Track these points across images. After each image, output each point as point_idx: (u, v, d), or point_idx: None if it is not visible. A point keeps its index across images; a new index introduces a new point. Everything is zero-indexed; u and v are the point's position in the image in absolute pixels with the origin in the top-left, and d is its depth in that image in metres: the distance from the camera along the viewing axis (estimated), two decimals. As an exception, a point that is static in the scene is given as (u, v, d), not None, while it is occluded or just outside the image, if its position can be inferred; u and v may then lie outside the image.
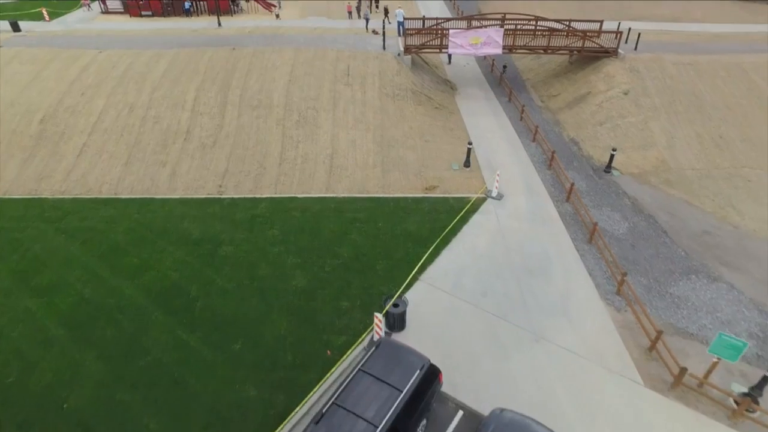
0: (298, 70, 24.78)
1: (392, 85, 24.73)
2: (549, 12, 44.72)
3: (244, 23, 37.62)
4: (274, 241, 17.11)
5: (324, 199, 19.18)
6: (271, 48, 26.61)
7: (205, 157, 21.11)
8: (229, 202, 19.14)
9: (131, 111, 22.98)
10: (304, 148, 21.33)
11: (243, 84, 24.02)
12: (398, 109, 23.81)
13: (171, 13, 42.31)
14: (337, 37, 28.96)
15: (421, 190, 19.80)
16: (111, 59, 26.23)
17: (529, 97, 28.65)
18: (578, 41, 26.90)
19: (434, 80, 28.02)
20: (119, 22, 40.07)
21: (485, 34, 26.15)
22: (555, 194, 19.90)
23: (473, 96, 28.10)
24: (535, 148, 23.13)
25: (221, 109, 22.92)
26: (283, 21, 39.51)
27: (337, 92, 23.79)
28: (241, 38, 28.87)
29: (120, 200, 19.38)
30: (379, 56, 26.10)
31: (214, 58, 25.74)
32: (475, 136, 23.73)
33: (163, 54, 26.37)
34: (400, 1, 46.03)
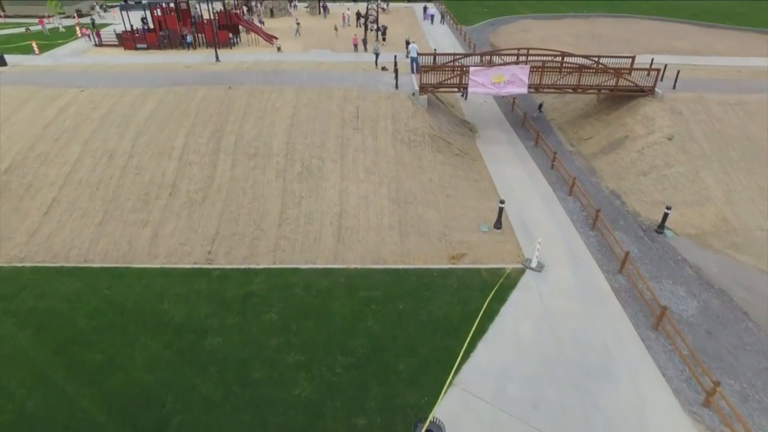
0: (301, 113, 22.00)
1: (407, 129, 21.93)
2: (564, 46, 42.56)
3: (244, 57, 35.23)
4: (272, 330, 13.94)
5: (332, 271, 16.08)
6: (270, 87, 23.91)
7: (193, 215, 18.09)
8: (219, 274, 16.03)
9: (110, 160, 20.07)
10: (307, 206, 18.34)
11: (239, 128, 21.19)
12: (415, 158, 20.93)
13: (167, 46, 40.05)
14: (344, 74, 26.33)
15: (447, 258, 16.73)
16: (93, 99, 23.48)
17: (557, 140, 25.89)
18: (611, 79, 24.25)
19: (452, 122, 25.27)
20: (112, 56, 37.79)
21: (509, 71, 23.53)
22: (604, 263, 16.85)
23: (495, 139, 25.31)
24: (572, 203, 20.18)
25: (213, 157, 20.02)
26: (284, 54, 37.19)
27: (345, 138, 20.96)
28: (238, 75, 26.23)
29: (90, 270, 16.26)
30: (392, 96, 23.38)
31: (207, 98, 23.00)
32: (503, 188, 20.81)
33: (151, 93, 23.64)
34: (401, 30, 44.05)
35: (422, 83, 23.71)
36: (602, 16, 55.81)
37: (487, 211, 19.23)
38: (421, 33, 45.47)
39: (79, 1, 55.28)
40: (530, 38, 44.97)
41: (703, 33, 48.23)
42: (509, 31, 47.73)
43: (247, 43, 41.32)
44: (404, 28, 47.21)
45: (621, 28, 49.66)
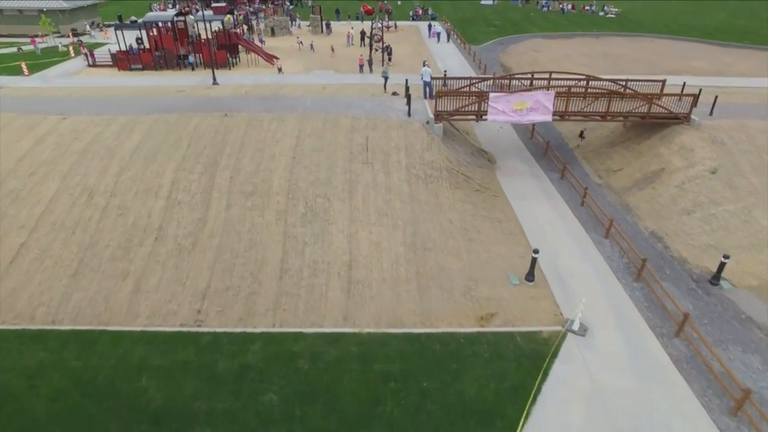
0: (304, 144, 19.82)
1: (422, 162, 19.72)
2: (578, 67, 40.67)
3: (243, 78, 33.28)
4: (272, 416, 11.54)
5: (342, 336, 13.70)
6: (270, 114, 21.77)
7: (182, 265, 15.75)
8: (210, 340, 13.64)
9: (90, 198, 17.80)
10: (312, 254, 16.02)
11: (235, 162, 18.97)
12: (432, 195, 18.69)
13: (163, 66, 38.13)
14: (351, 100, 24.23)
15: (475, 320, 14.37)
16: (75, 128, 21.32)
17: (583, 171, 23.70)
18: (643, 105, 22.14)
19: (469, 151, 23.11)
20: (105, 77, 35.93)
21: (532, 98, 21.43)
22: (656, 323, 14.51)
23: (517, 171, 23.11)
24: (610, 247, 17.89)
25: (205, 196, 17.76)
26: (285, 76, 35.26)
27: (353, 174, 18.73)
28: (235, 100, 24.13)
29: (57, 334, 13.88)
30: (404, 125, 21.23)
31: (200, 127, 20.83)
32: (531, 230, 18.53)
33: (139, 121, 21.49)
34: (408, 50, 42.17)
35: (437, 110, 21.58)
36: (612, 34, 54.27)
37: (516, 258, 16.93)
38: (428, 53, 43.67)
39: (75, 20, 53.61)
40: (541, 58, 43.22)
41: (720, 52, 46.54)
42: (519, 50, 45.97)
43: (247, 63, 39.45)
44: (410, 47, 45.51)
45: (633, 47, 47.98)
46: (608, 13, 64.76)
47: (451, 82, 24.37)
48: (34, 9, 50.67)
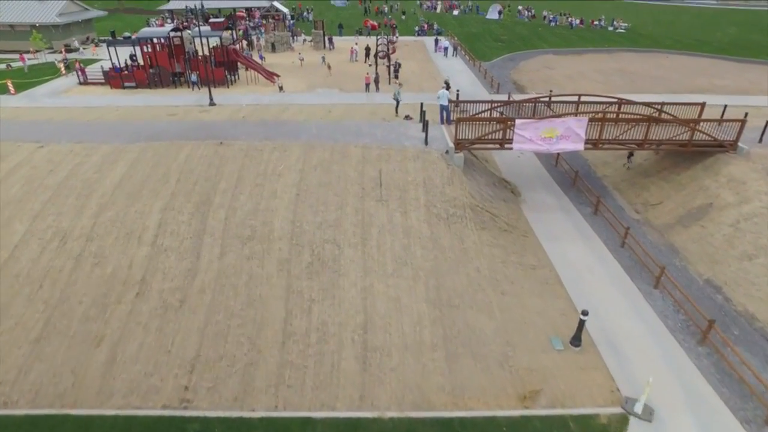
0: (309, 179, 17.50)
1: (444, 200, 17.40)
2: (594, 84, 38.69)
3: (242, 98, 31.16)
4: None
5: (359, 423, 11.26)
6: (271, 143, 19.50)
7: (167, 327, 13.34)
8: (199, 429, 11.17)
9: (63, 244, 15.42)
10: (320, 313, 13.62)
11: (230, 201, 16.63)
12: (456, 239, 16.34)
13: (158, 84, 36.02)
14: (360, 125, 21.98)
15: (517, 398, 11.94)
16: (52, 158, 19.02)
17: (616, 204, 21.39)
18: (685, 132, 19.92)
19: (490, 182, 20.82)
20: (95, 96, 33.85)
21: (563, 125, 19.22)
22: (735, 402, 12.10)
23: (544, 205, 20.81)
24: (662, 299, 15.52)
25: (196, 241, 15.38)
26: (287, 95, 33.16)
27: (366, 214, 16.39)
28: (232, 125, 21.87)
29: (9, 421, 11.39)
30: (421, 155, 18.96)
31: (192, 157, 18.53)
32: (570, 278, 16.18)
33: (124, 151, 19.19)
34: (415, 67, 40.01)
35: (458, 139, 19.33)
36: (624, 50, 52.44)
37: (557, 314, 14.54)
38: (437, 69, 41.66)
39: (69, 36, 51.66)
40: (555, 75, 41.24)
41: (739, 69, 44.64)
42: (531, 67, 44.00)
43: (246, 80, 37.36)
44: (417, 64, 43.51)
45: (649, 63, 46.11)
46: (618, 28, 63.10)
47: (470, 106, 22.13)
48: (27, 24, 48.74)
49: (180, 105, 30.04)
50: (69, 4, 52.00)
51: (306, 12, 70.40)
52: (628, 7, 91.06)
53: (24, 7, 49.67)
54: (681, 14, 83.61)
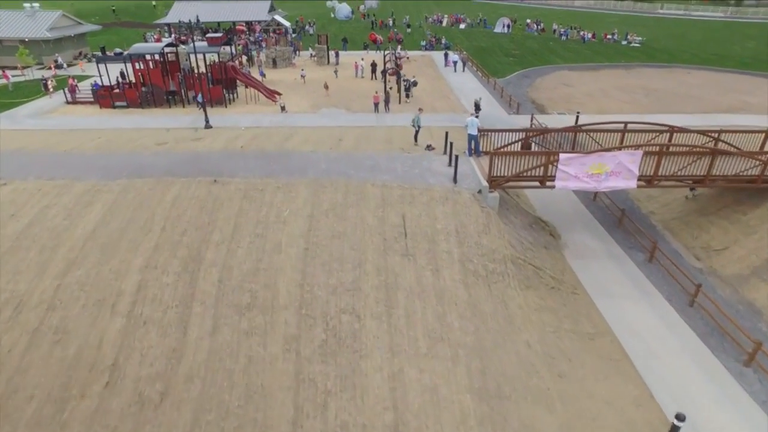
0: (320, 228, 14.65)
1: (480, 252, 14.56)
2: (618, 104, 36.12)
3: (241, 119, 28.54)
4: None
5: None
6: (274, 180, 16.68)
7: (142, 431, 10.37)
8: None
9: (17, 314, 12.52)
10: (339, 410, 10.68)
11: (225, 256, 13.75)
12: (499, 303, 13.47)
13: (150, 104, 33.37)
14: (376, 157, 19.18)
15: None
16: (15, 199, 16.17)
17: (671, 247, 18.57)
18: (756, 166, 17.17)
19: (527, 224, 18.00)
20: (82, 117, 31.31)
21: (614, 159, 16.49)
22: None
23: (589, 251, 17.99)
24: (758, 382, 12.60)
25: (183, 310, 12.48)
26: (290, 115, 30.54)
27: (390, 273, 13.51)
28: (228, 157, 19.06)
29: None
30: (450, 196, 16.13)
31: (181, 199, 15.69)
32: (637, 352, 13.34)
33: (102, 190, 16.37)
34: (425, 83, 37.24)
35: (492, 176, 16.54)
36: (642, 66, 50.04)
37: (630, 404, 11.63)
38: (448, 87, 39.10)
39: (61, 51, 49.16)
40: (575, 93, 38.68)
41: (767, 85, 42.11)
42: (548, 84, 41.47)
43: (246, 99, 34.76)
44: (427, 80, 40.95)
45: (671, 80, 43.64)
46: (632, 42, 60.80)
47: (502, 136, 19.37)
48: (15, 39, 46.24)
49: (173, 127, 27.36)
50: (61, 18, 49.59)
51: (308, 25, 68.11)
52: (636, 20, 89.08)
53: (12, 20, 47.24)
54: (691, 27, 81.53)
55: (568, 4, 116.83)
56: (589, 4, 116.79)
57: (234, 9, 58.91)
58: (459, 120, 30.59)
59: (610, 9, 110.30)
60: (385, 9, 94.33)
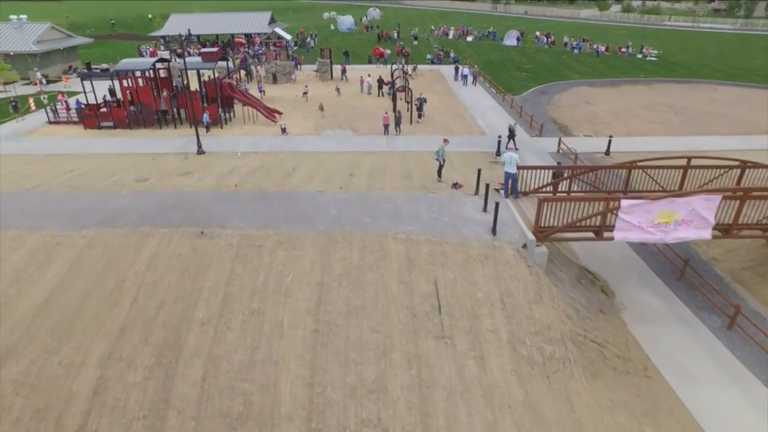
0: (332, 301, 11.62)
1: (533, 329, 11.55)
2: (646, 124, 33.31)
3: (237, 142, 25.96)
4: None
5: None
6: (274, 233, 13.67)
7: None
8: None
9: (-64, 426, 9.41)
10: None
11: (211, 342, 10.70)
12: (562, 401, 10.43)
13: (140, 124, 30.58)
14: (395, 199, 16.17)
15: None
16: (-43, 256, 13.11)
17: (749, 307, 15.51)
18: None
19: (574, 279, 15.01)
20: (63, 139, 28.75)
21: (686, 206, 13.61)
22: None
23: (652, 313, 14.96)
24: None
25: (153, 424, 9.40)
26: (291, 138, 27.80)
27: (424, 365, 10.47)
28: (221, 199, 16.06)
29: None
30: (491, 254, 13.13)
31: (159, 257, 12.68)
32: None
33: (63, 244, 13.35)
34: (435, 100, 34.30)
35: (540, 226, 13.56)
36: (663, 81, 47.33)
37: None
38: (462, 105, 36.32)
39: (49, 66, 46.50)
40: (598, 112, 35.87)
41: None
42: (567, 102, 38.70)
43: (243, 118, 31.97)
44: (438, 97, 38.18)
45: (697, 96, 40.90)
46: (647, 56, 58.20)
47: (537, 174, 16.40)
48: (-1, 53, 43.63)
49: (162, 152, 24.54)
50: (49, 30, 46.94)
51: (310, 38, 65.53)
52: (645, 32, 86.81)
53: (-5, 32, 44.63)
54: (703, 40, 79.16)
55: (574, 16, 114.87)
56: (594, 16, 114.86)
57: (233, 21, 56.39)
58: (478, 144, 27.78)
59: (617, 21, 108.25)
60: (387, 20, 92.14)
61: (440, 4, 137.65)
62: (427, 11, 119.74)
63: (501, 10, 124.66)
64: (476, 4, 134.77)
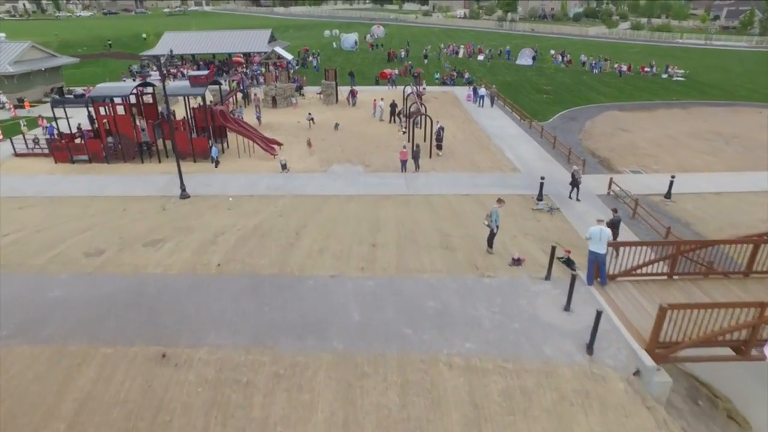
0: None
1: None
2: (697, 155, 29.19)
3: (230, 181, 22.01)
4: None
5: None
6: (270, 357, 9.28)
7: None
8: None
9: None
10: None
11: None
12: None
13: (119, 158, 26.51)
14: (439, 290, 11.72)
15: None
16: None
17: None
18: None
19: (690, 402, 10.48)
20: (27, 176, 24.82)
21: None
22: None
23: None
24: None
25: None
26: (292, 176, 23.84)
27: None
28: (196, 289, 11.67)
29: None
30: (590, 389, 8.74)
31: (93, 403, 8.30)
32: None
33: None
34: (453, 127, 29.96)
35: (661, 342, 9.13)
36: (698, 104, 43.37)
37: None
38: (484, 133, 32.25)
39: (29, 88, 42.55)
40: (638, 141, 31.77)
41: None
42: (601, 129, 34.65)
43: (238, 150, 27.91)
44: (455, 123, 34.21)
45: (743, 122, 36.92)
46: (673, 76, 54.39)
47: (635, 251, 12.01)
48: (-30, 74, 39.70)
49: (140, 195, 20.38)
50: (29, 50, 43.05)
51: (312, 56, 61.78)
52: (659, 50, 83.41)
53: (-32, 52, 40.74)
54: (724, 58, 75.66)
55: (582, 33, 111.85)
56: (603, 33, 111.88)
57: (230, 39, 52.67)
58: (512, 184, 23.51)
59: (627, 39, 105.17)
60: (392, 38, 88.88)
61: (445, 21, 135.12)
62: (431, 29, 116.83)
63: (506, 27, 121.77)
64: (481, 22, 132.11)
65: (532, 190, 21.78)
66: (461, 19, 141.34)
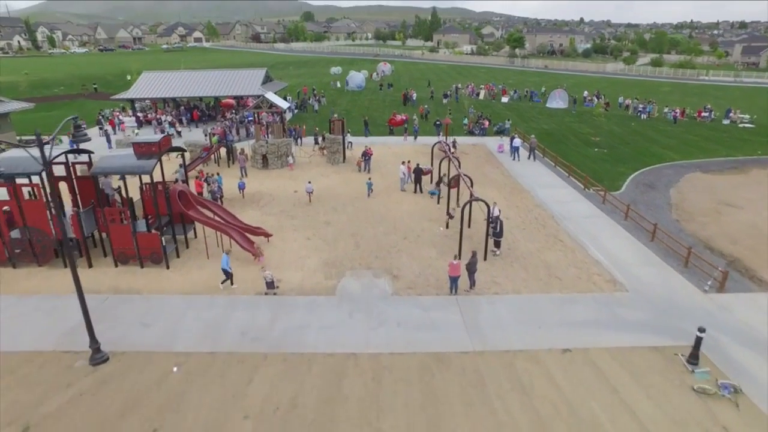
0: None
1: None
2: None
3: (181, 319, 12.83)
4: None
5: None
6: None
7: None
8: None
9: None
10: None
11: None
12: None
13: (30, 261, 17.89)
14: None
15: None
16: None
17: None
18: None
19: None
20: None
21: None
22: None
23: None
24: None
25: None
26: (283, 301, 14.79)
27: None
28: None
29: None
30: None
31: None
32: None
33: None
34: (498, 199, 21.03)
35: None
36: (790, 160, 34.87)
37: None
38: (546, 212, 23.69)
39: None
40: (761, 224, 23.03)
41: None
42: (696, 203, 26.06)
43: (206, 243, 19.08)
44: (501, 194, 25.73)
45: None
46: (738, 122, 46.33)
47: None
48: None
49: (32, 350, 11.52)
50: (-33, 94, 34.81)
51: (314, 98, 53.78)
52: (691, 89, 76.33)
53: None
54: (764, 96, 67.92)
55: (600, 70, 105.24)
56: (620, 70, 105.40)
57: (219, 80, 44.83)
58: (622, 316, 14.74)
59: (648, 75, 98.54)
60: (399, 76, 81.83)
61: (453, 57, 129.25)
62: (438, 65, 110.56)
63: (518, 64, 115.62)
64: (490, 58, 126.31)
65: (662, 332, 13.00)
66: (469, 55, 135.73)
